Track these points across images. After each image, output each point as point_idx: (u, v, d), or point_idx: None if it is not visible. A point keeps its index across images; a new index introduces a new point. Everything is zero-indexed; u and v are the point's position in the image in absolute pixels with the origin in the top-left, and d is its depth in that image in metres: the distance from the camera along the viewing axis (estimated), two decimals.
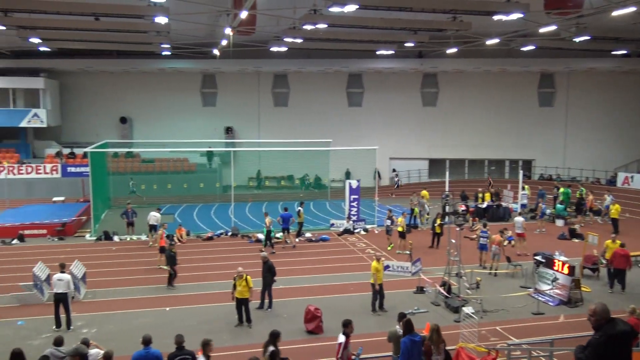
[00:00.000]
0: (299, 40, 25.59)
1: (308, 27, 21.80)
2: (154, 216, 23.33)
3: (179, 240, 23.59)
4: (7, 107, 36.63)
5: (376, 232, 25.83)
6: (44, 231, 24.64)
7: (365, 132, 40.12)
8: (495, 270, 18.87)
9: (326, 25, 21.45)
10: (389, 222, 22.75)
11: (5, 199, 29.93)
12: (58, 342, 9.38)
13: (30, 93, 36.91)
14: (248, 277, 14.17)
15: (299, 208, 25.06)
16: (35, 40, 26.57)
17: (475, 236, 21.26)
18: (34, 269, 16.41)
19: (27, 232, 24.32)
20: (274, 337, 9.81)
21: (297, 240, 23.84)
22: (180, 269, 19.55)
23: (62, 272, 14.19)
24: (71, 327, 14.02)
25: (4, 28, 22.81)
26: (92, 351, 9.45)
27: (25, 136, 38.21)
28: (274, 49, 28.44)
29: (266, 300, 15.62)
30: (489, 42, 27.49)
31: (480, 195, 30.03)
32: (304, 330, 13.80)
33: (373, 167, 30.03)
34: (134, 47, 31.99)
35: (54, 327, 14.01)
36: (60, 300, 13.95)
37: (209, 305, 15.94)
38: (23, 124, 36.22)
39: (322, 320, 13.85)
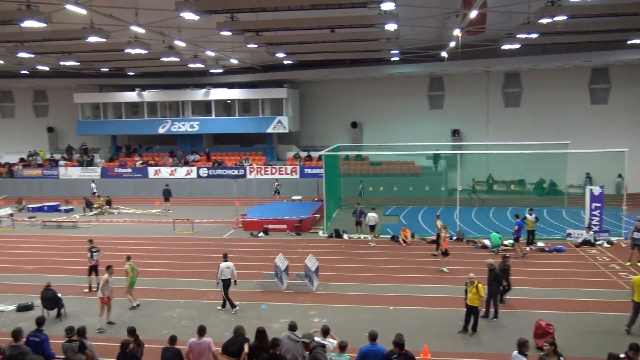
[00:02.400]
0: (534, 36, 23.91)
1: (544, 20, 20.20)
2: (372, 217, 24.16)
3: (404, 242, 24.03)
4: (257, 115, 41.61)
5: (623, 245, 22.79)
6: (284, 226, 27.25)
7: (612, 132, 35.81)
8: None
9: (566, 17, 19.64)
10: (638, 234, 19.79)
11: (254, 196, 33.94)
12: (292, 327, 10.24)
13: (275, 102, 41.34)
14: (479, 284, 13.66)
15: (531, 215, 23.37)
16: (280, 54, 29.64)
17: None
18: (276, 260, 18.24)
19: (270, 226, 27.18)
20: (521, 345, 9.50)
21: (527, 249, 22.30)
22: (402, 270, 19.88)
23: (226, 261, 16.11)
24: (224, 309, 16.09)
25: (256, 46, 25.91)
26: (327, 341, 10.07)
27: (271, 141, 42.86)
28: (506, 47, 27.03)
29: (491, 310, 14.93)
30: None
31: None
32: (534, 347, 12.80)
33: (619, 171, 26.50)
34: (365, 55, 33.53)
35: (219, 307, 16.19)
36: (228, 285, 16.02)
37: (432, 309, 15.84)
38: (269, 130, 40.72)
39: (554, 337, 12.68)
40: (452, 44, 27.48)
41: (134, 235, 26.90)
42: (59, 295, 15.92)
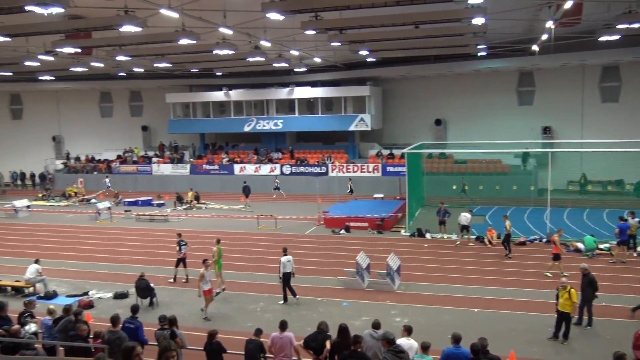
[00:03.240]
0: (636, 26, 22.25)
1: None
2: (465, 216, 23.55)
3: (489, 243, 23.25)
4: (340, 113, 41.80)
5: None
6: (366, 224, 27.16)
7: None
8: None
9: None
10: None
11: (335, 194, 34.13)
12: (376, 325, 10.19)
13: (357, 100, 41.34)
14: (572, 290, 12.93)
15: (633, 218, 21.81)
16: (363, 52, 29.56)
17: None
18: (357, 257, 18.22)
19: (352, 224, 27.20)
20: (618, 359, 8.80)
21: (627, 254, 20.86)
22: (487, 272, 19.24)
23: (285, 255, 16.62)
24: (297, 298, 16.61)
25: (339, 44, 26.00)
26: (408, 342, 9.89)
27: (353, 138, 42.88)
28: (604, 38, 25.39)
29: (585, 317, 14.10)
30: None
31: None
32: (633, 358, 11.93)
33: None
34: (450, 51, 32.74)
35: (281, 302, 16.54)
36: (288, 278, 16.45)
37: (520, 313, 15.20)
38: (351, 128, 40.78)
39: None
40: (544, 37, 26.21)
41: (220, 229, 27.85)
42: (152, 285, 16.80)
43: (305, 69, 38.65)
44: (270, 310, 16.07)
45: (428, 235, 25.21)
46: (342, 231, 26.75)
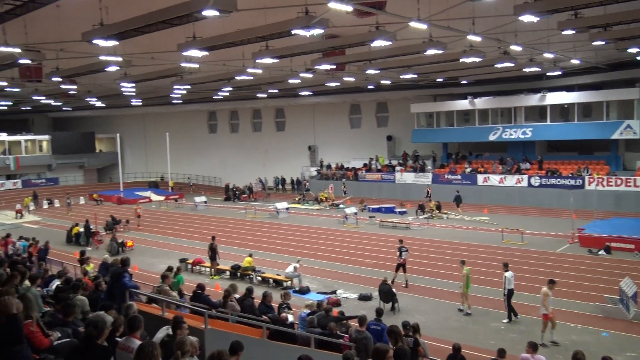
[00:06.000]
0: None
1: None
2: None
3: None
4: (600, 119, 37.48)
5: None
6: (632, 246, 23.74)
7: None
8: None
9: None
10: None
11: (593, 209, 30.67)
12: None
13: (623, 104, 36.54)
14: None
15: None
16: (634, 50, 26.05)
17: None
18: (621, 283, 16.01)
19: (613, 244, 24.07)
20: None
21: None
22: None
23: (508, 270, 15.97)
24: (513, 319, 15.72)
25: (603, 43, 23.30)
26: None
27: (616, 148, 37.98)
28: None
29: None
30: None
31: None
32: None
33: None
34: None
35: (506, 320, 15.71)
36: (510, 295, 15.67)
37: None
38: (614, 136, 36.21)
39: None
40: None
41: (460, 241, 27.28)
42: (394, 290, 17.22)
43: (559, 73, 35.62)
44: (514, 330, 15.11)
45: None
46: (601, 252, 23.83)
